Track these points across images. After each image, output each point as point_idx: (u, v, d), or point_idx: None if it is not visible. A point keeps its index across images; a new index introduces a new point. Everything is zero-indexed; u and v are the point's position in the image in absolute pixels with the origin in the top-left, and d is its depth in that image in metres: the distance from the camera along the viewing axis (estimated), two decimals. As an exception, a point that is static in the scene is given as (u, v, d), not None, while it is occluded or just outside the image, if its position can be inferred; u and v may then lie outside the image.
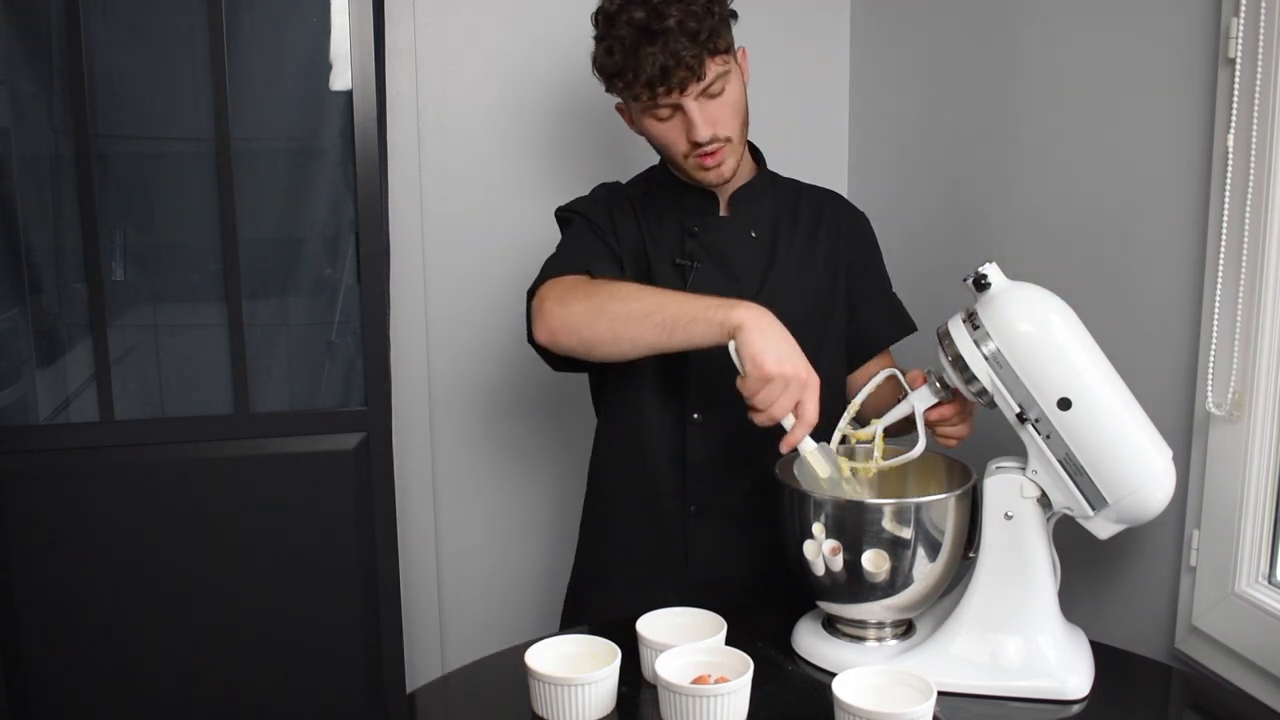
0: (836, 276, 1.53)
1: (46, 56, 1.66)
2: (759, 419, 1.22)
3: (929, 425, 1.26)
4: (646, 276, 1.46)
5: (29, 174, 1.68)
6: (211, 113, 1.68)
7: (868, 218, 1.61)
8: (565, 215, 1.52)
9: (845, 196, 1.66)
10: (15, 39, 1.64)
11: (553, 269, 1.42)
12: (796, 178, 1.59)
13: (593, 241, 1.46)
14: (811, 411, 1.21)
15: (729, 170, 1.43)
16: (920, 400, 1.25)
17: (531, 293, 1.41)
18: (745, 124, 1.45)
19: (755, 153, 1.55)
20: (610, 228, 1.48)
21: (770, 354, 1.19)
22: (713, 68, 1.35)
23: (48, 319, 1.73)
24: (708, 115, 1.37)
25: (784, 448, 1.23)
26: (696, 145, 1.38)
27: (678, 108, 1.37)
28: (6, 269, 1.68)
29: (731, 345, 1.22)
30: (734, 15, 1.40)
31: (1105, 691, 1.19)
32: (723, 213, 1.50)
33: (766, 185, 1.53)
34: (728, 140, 1.40)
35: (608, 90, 1.43)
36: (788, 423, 1.22)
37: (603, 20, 1.38)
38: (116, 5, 1.67)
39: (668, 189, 1.51)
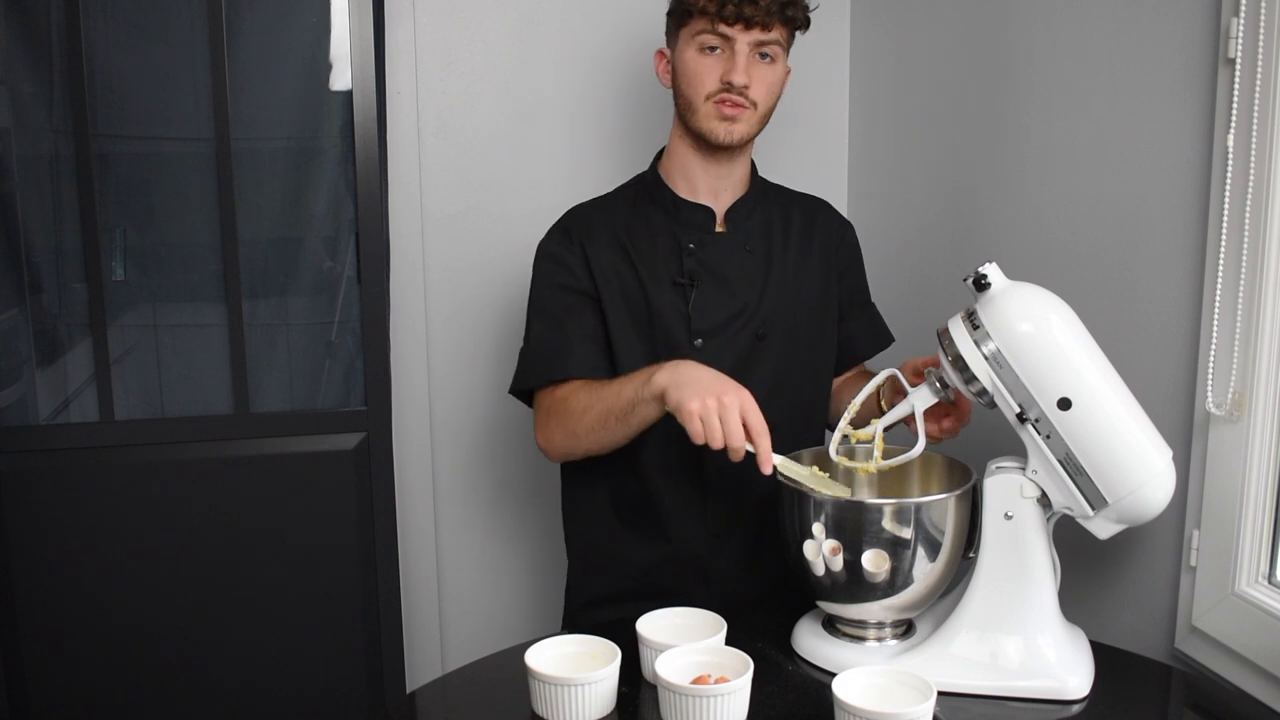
0: (829, 284, 1.53)
1: (46, 56, 1.66)
2: (731, 455, 1.23)
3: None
4: (640, 299, 1.45)
5: (29, 174, 1.68)
6: (211, 113, 1.68)
7: (853, 226, 1.62)
8: (537, 261, 1.51)
9: (842, 200, 1.67)
10: (15, 39, 1.64)
11: (525, 376, 1.47)
12: (797, 179, 1.60)
13: (560, 320, 1.46)
14: (757, 421, 1.22)
15: (740, 133, 1.42)
16: (920, 400, 1.25)
17: (514, 391, 1.50)
18: (769, 111, 1.45)
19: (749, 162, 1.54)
20: (584, 269, 1.46)
21: (689, 396, 1.22)
22: (777, 33, 1.38)
23: (48, 319, 1.73)
24: (750, 70, 1.39)
25: (765, 469, 1.23)
26: (728, 88, 1.39)
27: (727, 43, 1.38)
28: (6, 269, 1.68)
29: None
30: (808, 25, 1.44)
31: (1105, 691, 1.19)
32: (719, 227, 1.48)
33: (759, 196, 1.52)
34: (754, 105, 1.41)
35: (672, 13, 1.43)
36: (735, 457, 1.23)
37: None
38: (116, 5, 1.67)
39: (660, 202, 1.49)
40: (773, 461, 1.22)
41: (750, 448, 1.22)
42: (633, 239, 1.47)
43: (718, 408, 1.21)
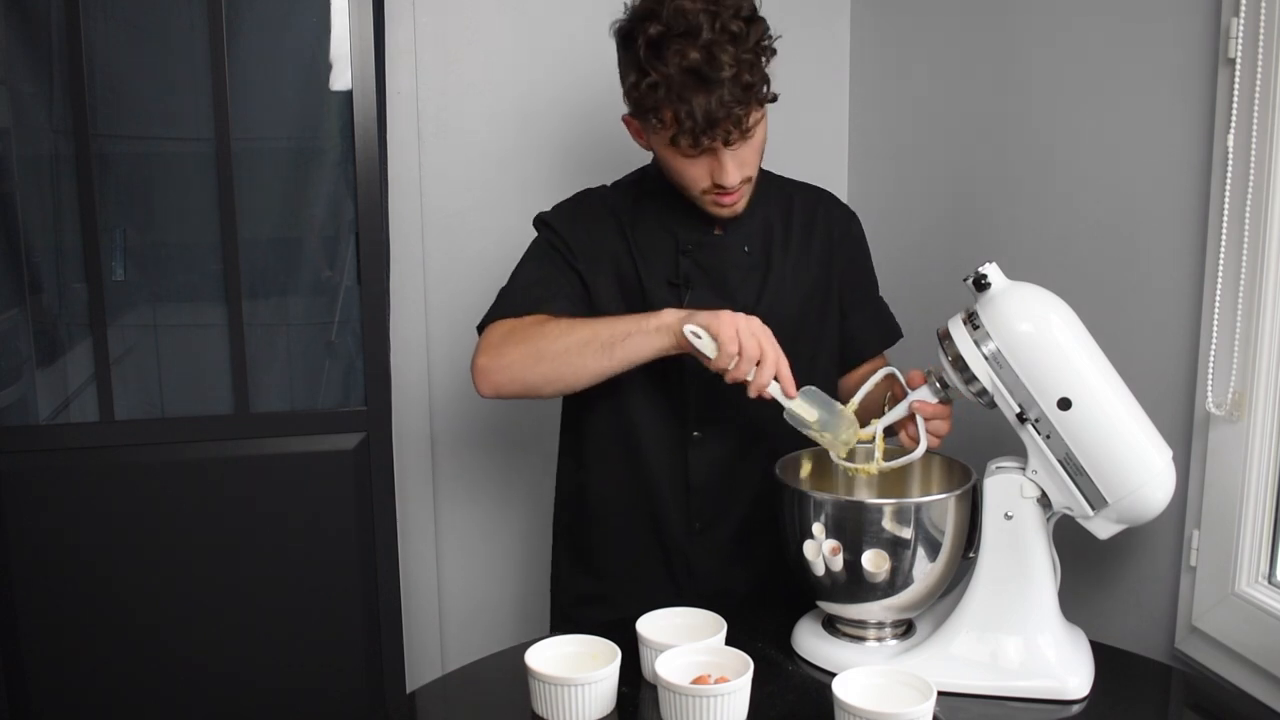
0: (830, 278, 1.52)
1: (46, 56, 1.66)
2: (759, 375, 1.23)
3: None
4: (637, 293, 1.43)
5: (29, 174, 1.68)
6: (211, 113, 1.68)
7: (858, 217, 1.58)
8: (538, 227, 1.49)
9: (838, 195, 1.65)
10: (15, 39, 1.64)
11: (501, 307, 1.42)
12: (795, 177, 1.59)
13: (550, 273, 1.42)
14: (775, 351, 1.23)
15: (741, 208, 1.40)
16: (920, 400, 1.25)
17: (481, 327, 1.41)
18: (761, 157, 1.40)
19: None
20: (585, 249, 1.44)
21: (714, 316, 1.22)
22: (753, 116, 1.30)
23: (48, 319, 1.73)
24: (738, 159, 1.32)
25: (790, 392, 1.24)
26: (719, 188, 1.34)
27: (709, 150, 1.30)
28: (6, 269, 1.68)
29: (689, 332, 1.24)
30: (773, 54, 1.31)
31: (1105, 691, 1.19)
32: (717, 230, 1.46)
33: (760, 194, 1.49)
34: (749, 180, 1.37)
35: (634, 115, 1.36)
36: (767, 378, 1.23)
37: (646, 49, 1.26)
38: (116, 5, 1.67)
39: (660, 199, 1.47)
40: (795, 389, 1.24)
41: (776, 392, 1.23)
42: (635, 231, 1.46)
43: (749, 326, 1.21)
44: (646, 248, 1.45)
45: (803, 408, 1.26)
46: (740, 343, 1.21)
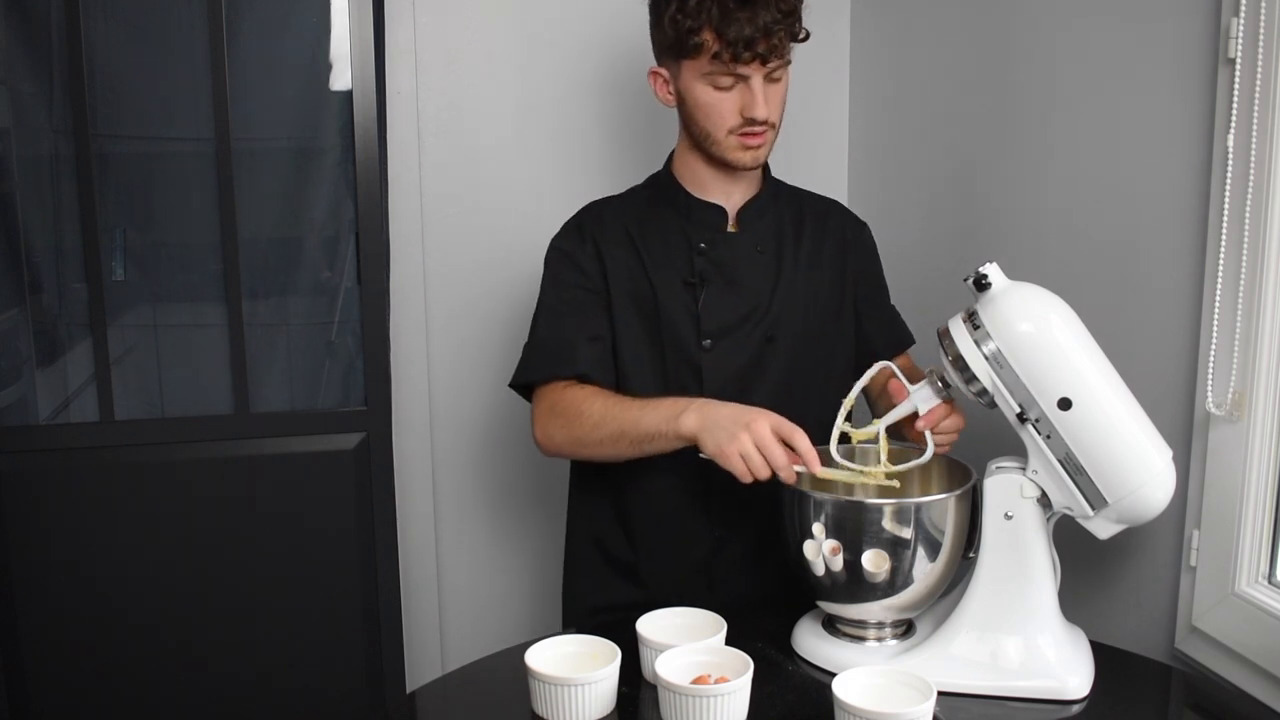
0: (843, 285, 1.52)
1: (46, 56, 1.66)
2: (784, 479, 1.23)
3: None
4: (649, 298, 1.44)
5: (29, 174, 1.68)
6: (211, 113, 1.68)
7: (868, 227, 1.60)
8: (549, 255, 1.50)
9: (842, 200, 1.65)
10: (15, 39, 1.64)
11: (528, 368, 1.46)
12: (797, 179, 1.59)
13: (566, 319, 1.45)
14: (798, 438, 1.22)
15: (763, 155, 1.42)
16: (922, 399, 1.25)
17: (513, 385, 1.48)
18: (782, 118, 1.44)
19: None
20: (596, 267, 1.46)
21: (724, 440, 1.23)
22: (788, 51, 1.36)
23: (48, 319, 1.73)
24: (768, 95, 1.37)
25: (814, 469, 1.23)
26: (749, 122, 1.37)
27: (741, 80, 1.36)
28: (6, 269, 1.68)
29: (704, 459, 1.27)
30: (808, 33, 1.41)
31: (1105, 691, 1.19)
32: (731, 228, 1.48)
33: (771, 197, 1.51)
34: (773, 126, 1.41)
35: (672, 47, 1.38)
36: (789, 477, 1.23)
37: None
38: (116, 5, 1.67)
39: (674, 202, 1.48)
40: (819, 468, 1.23)
41: (799, 468, 1.23)
42: (644, 238, 1.47)
43: (753, 439, 1.22)
44: (658, 251, 1.46)
45: (832, 474, 1.25)
46: (751, 469, 1.23)
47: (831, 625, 1.29)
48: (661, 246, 1.46)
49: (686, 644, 1.15)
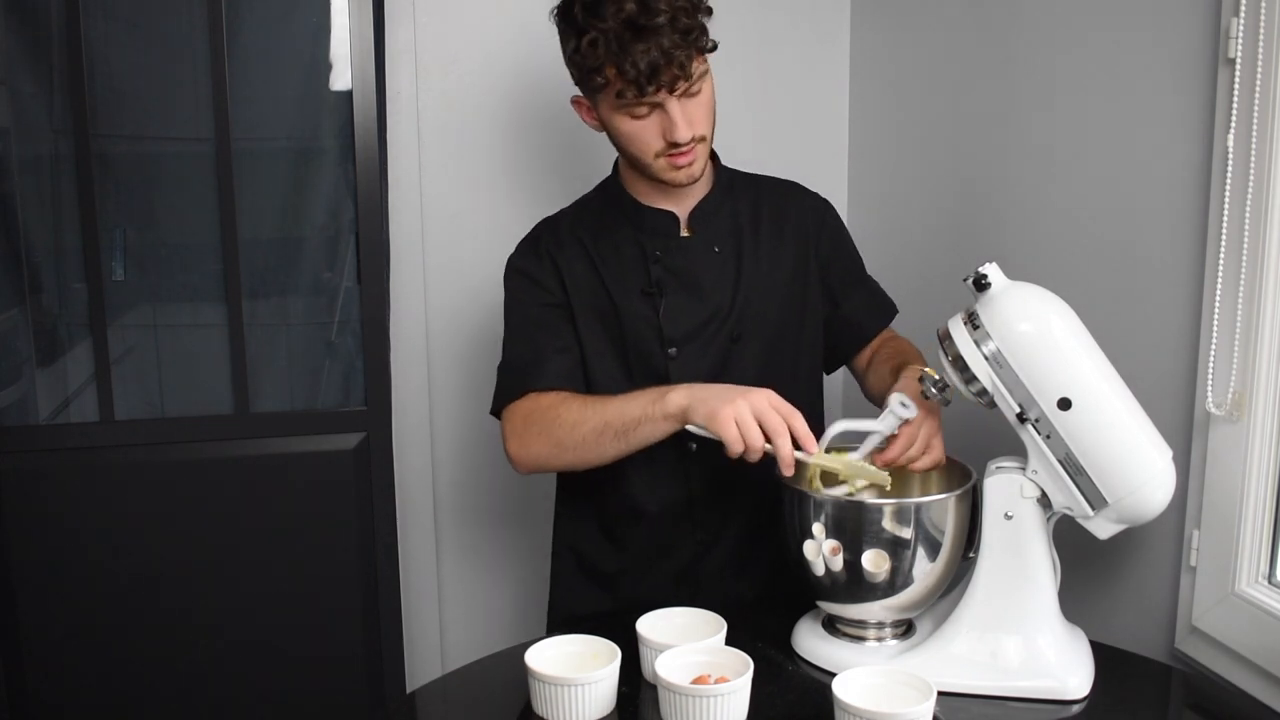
0: (808, 272, 1.49)
1: (46, 56, 1.66)
2: (781, 461, 1.21)
3: (893, 466, 1.25)
4: (610, 311, 1.43)
5: (29, 174, 1.68)
6: (211, 113, 1.68)
7: (831, 204, 1.56)
8: (507, 276, 1.48)
9: (842, 200, 1.63)
10: (15, 39, 1.64)
11: (503, 392, 1.44)
12: (796, 178, 1.58)
13: (533, 335, 1.43)
14: (796, 420, 1.21)
15: (698, 170, 1.39)
16: (888, 427, 1.24)
17: (495, 412, 1.45)
18: (714, 123, 1.41)
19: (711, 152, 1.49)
20: (557, 283, 1.44)
21: (718, 405, 1.21)
22: (696, 66, 1.31)
23: (48, 319, 1.73)
24: (687, 115, 1.33)
25: (810, 449, 1.21)
26: (673, 145, 1.34)
27: (656, 106, 1.32)
28: (6, 269, 1.68)
29: (693, 429, 1.25)
30: (709, 12, 1.35)
31: (1105, 691, 1.19)
32: (684, 232, 1.45)
33: (724, 191, 1.48)
34: (702, 139, 1.37)
35: (580, 84, 1.37)
36: (786, 452, 1.21)
37: (582, 10, 1.30)
38: (116, 5, 1.67)
39: (625, 211, 1.46)
40: (813, 447, 1.21)
41: (800, 454, 1.21)
42: (600, 251, 1.45)
43: (750, 407, 1.20)
44: (613, 261, 1.45)
45: (828, 460, 1.24)
46: (744, 437, 1.20)
47: (831, 625, 1.29)
48: (616, 258, 1.45)
49: (686, 644, 1.15)
